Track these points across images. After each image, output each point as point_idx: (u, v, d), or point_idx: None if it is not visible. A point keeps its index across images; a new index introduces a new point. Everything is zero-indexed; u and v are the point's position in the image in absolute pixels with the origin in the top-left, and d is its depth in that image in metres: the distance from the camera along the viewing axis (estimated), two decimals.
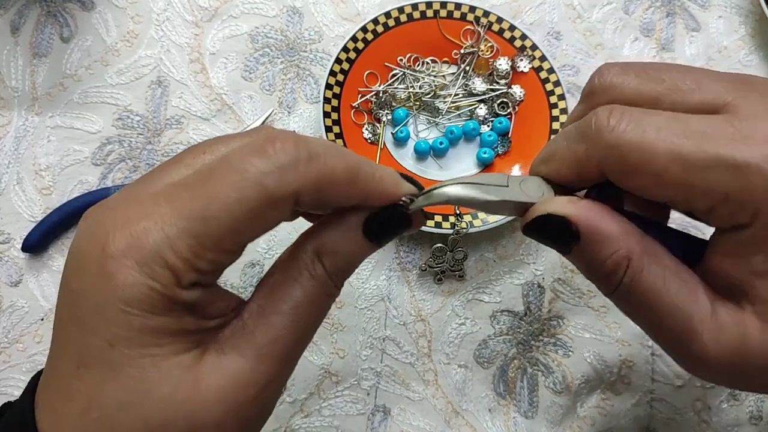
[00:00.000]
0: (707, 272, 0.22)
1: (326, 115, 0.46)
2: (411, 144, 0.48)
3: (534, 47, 0.48)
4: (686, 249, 0.23)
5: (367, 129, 0.48)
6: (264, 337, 0.21)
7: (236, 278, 0.45)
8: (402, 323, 0.45)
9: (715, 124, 0.21)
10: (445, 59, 0.50)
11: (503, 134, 0.48)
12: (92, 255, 0.19)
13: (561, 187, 0.25)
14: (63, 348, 0.20)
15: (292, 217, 0.23)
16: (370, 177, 0.22)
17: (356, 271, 0.45)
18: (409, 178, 0.24)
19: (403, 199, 0.23)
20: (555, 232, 0.23)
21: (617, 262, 0.22)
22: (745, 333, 0.21)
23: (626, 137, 0.21)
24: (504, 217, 0.44)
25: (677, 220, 0.44)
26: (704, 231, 0.43)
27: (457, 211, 0.44)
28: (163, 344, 0.19)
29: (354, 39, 0.48)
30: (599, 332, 0.44)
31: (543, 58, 0.48)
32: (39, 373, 0.22)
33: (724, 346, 0.21)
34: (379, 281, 0.45)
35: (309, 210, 0.22)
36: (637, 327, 0.24)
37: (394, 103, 0.49)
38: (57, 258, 0.45)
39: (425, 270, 0.45)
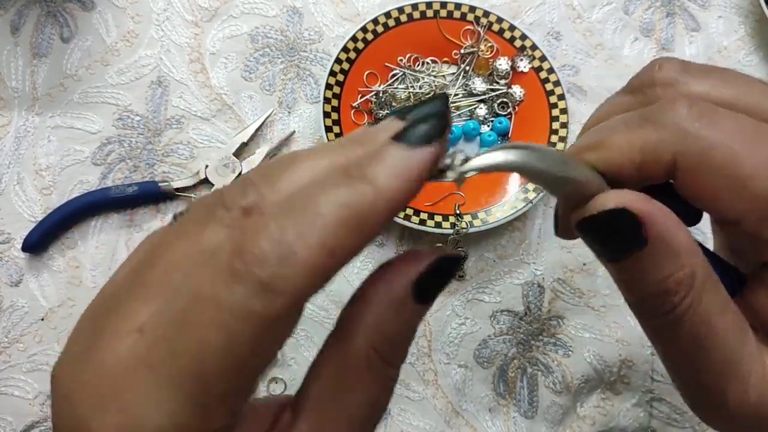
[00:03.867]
0: (744, 308, 0.20)
1: (326, 115, 0.46)
2: None
3: (534, 47, 0.48)
4: (726, 280, 0.20)
5: None
6: None
7: None
8: None
9: None
10: (445, 59, 0.50)
11: (503, 134, 0.48)
12: None
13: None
14: None
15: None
16: (378, 198, 0.16)
17: (356, 271, 0.46)
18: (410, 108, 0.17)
19: (447, 162, 0.17)
20: (621, 232, 0.19)
21: (680, 282, 0.18)
22: None
23: (715, 132, 0.19)
24: (504, 216, 0.44)
25: None
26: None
27: (457, 211, 0.44)
28: None
29: (354, 39, 0.48)
30: (599, 332, 0.44)
31: (543, 58, 0.48)
32: None
33: (766, 399, 0.19)
34: None
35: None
36: (638, 327, 0.24)
37: (394, 103, 0.49)
38: (57, 258, 0.45)
39: None
